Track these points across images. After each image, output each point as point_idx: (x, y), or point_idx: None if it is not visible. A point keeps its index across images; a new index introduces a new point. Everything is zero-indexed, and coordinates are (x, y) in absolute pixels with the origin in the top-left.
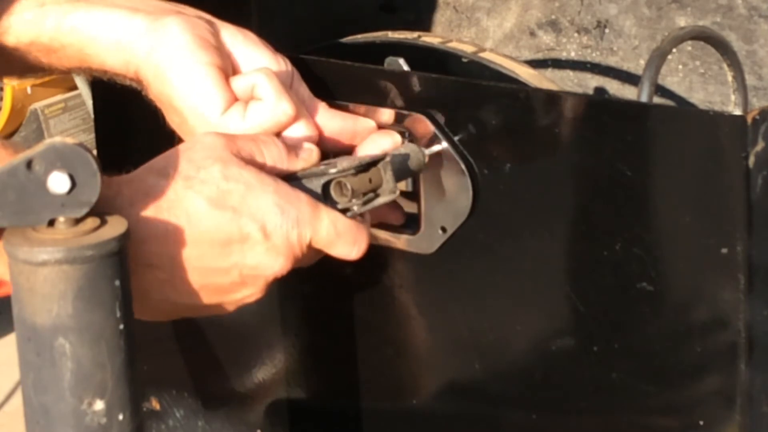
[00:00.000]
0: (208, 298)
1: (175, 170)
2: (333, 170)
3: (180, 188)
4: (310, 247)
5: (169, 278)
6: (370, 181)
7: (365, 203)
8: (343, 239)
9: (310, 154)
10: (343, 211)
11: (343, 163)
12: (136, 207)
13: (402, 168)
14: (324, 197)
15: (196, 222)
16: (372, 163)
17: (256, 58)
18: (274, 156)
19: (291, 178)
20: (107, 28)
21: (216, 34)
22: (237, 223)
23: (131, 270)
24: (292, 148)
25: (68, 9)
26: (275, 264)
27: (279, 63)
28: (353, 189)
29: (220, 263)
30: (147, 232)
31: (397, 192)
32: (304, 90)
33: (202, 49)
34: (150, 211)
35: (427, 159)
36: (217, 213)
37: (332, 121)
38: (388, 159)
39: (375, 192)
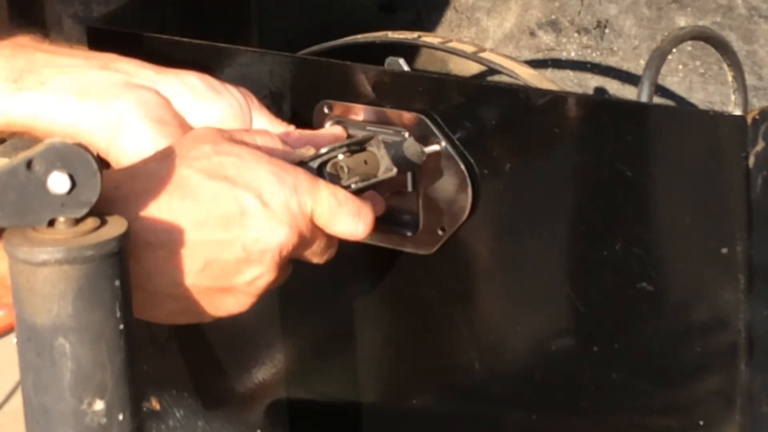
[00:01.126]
0: (215, 281)
1: (167, 154)
2: (325, 150)
3: (172, 166)
4: (313, 221)
5: (170, 254)
6: (366, 162)
7: (362, 180)
8: (346, 210)
9: (307, 150)
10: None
11: (336, 145)
12: (132, 192)
13: (398, 155)
14: (320, 177)
15: (192, 194)
16: (363, 141)
17: (208, 110)
18: (268, 143)
19: None
20: (60, 115)
21: (167, 105)
22: (233, 192)
23: (131, 255)
24: (284, 136)
25: (13, 90)
26: (278, 233)
27: (231, 105)
28: (349, 168)
29: (221, 235)
30: (142, 212)
31: (394, 170)
32: (264, 117)
33: (161, 135)
34: (144, 193)
35: (424, 153)
36: (212, 183)
37: (299, 141)
38: (379, 137)
39: (373, 174)
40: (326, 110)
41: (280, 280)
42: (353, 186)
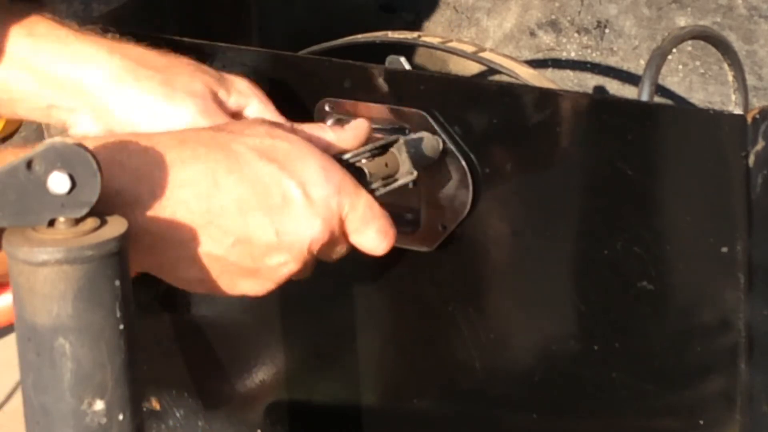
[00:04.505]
0: (242, 259)
1: (222, 128)
2: (347, 155)
3: (226, 139)
4: (343, 223)
5: (207, 223)
6: (387, 165)
7: (384, 185)
8: (376, 225)
9: (360, 128)
10: None
11: (359, 150)
12: (178, 157)
13: (417, 153)
14: None
15: (239, 170)
16: (386, 146)
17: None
18: (320, 137)
19: None
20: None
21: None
22: (279, 177)
23: (166, 220)
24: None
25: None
26: (313, 227)
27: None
28: (371, 173)
29: (258, 217)
30: (187, 177)
31: (415, 174)
32: (268, 113)
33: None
34: (192, 159)
35: (441, 145)
36: (261, 163)
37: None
38: (401, 141)
39: (392, 176)
40: (327, 108)
41: (303, 273)
42: (376, 191)
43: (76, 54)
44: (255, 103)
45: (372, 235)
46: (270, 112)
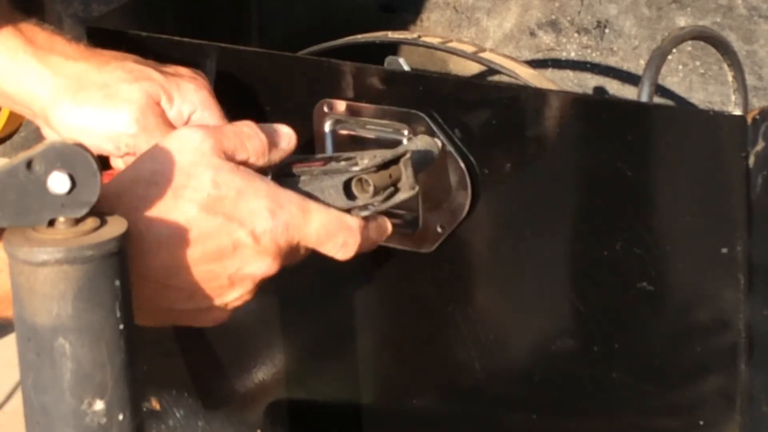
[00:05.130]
0: (198, 303)
1: (165, 179)
2: (356, 168)
3: (171, 198)
4: (298, 247)
5: (163, 287)
6: (390, 176)
7: (386, 199)
8: (333, 242)
9: (289, 141)
10: (364, 207)
11: (365, 160)
12: (128, 208)
13: (421, 165)
14: (345, 193)
15: (188, 229)
16: (395, 160)
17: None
18: (257, 150)
19: (285, 173)
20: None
21: None
22: (227, 229)
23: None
24: (271, 136)
25: None
26: (263, 265)
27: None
28: (375, 186)
29: (212, 267)
30: (140, 245)
31: (417, 189)
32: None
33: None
34: (141, 223)
35: (440, 146)
36: (209, 218)
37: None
38: (408, 156)
39: (395, 186)
40: (326, 109)
41: (253, 296)
42: (375, 205)
43: (21, 74)
44: (199, 111)
45: (332, 249)
46: (215, 119)
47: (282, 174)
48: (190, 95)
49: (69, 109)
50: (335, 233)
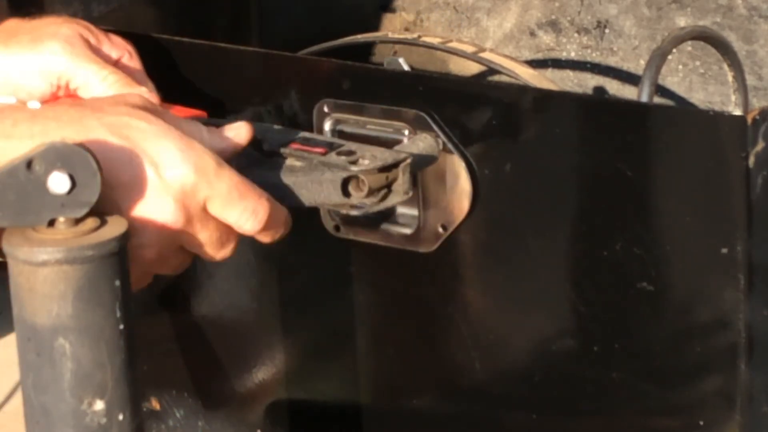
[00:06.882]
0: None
1: (81, 103)
2: (356, 168)
3: (79, 111)
4: (206, 209)
5: None
6: (387, 178)
7: (378, 201)
8: (242, 205)
9: (237, 131)
10: (356, 207)
11: (365, 160)
12: (25, 124)
13: (419, 162)
14: (342, 190)
15: (87, 142)
16: (394, 165)
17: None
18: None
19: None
20: None
21: None
22: (129, 155)
23: None
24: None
25: None
26: (164, 207)
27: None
28: (370, 187)
29: (106, 192)
30: (29, 148)
31: (410, 194)
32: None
33: None
34: (38, 128)
35: (439, 150)
36: (111, 138)
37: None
38: (409, 161)
39: (389, 188)
40: (326, 109)
41: (171, 265)
42: (367, 206)
43: None
44: (127, 56)
45: (236, 214)
46: (141, 73)
47: (277, 152)
48: (119, 42)
49: (2, 57)
50: (245, 196)
